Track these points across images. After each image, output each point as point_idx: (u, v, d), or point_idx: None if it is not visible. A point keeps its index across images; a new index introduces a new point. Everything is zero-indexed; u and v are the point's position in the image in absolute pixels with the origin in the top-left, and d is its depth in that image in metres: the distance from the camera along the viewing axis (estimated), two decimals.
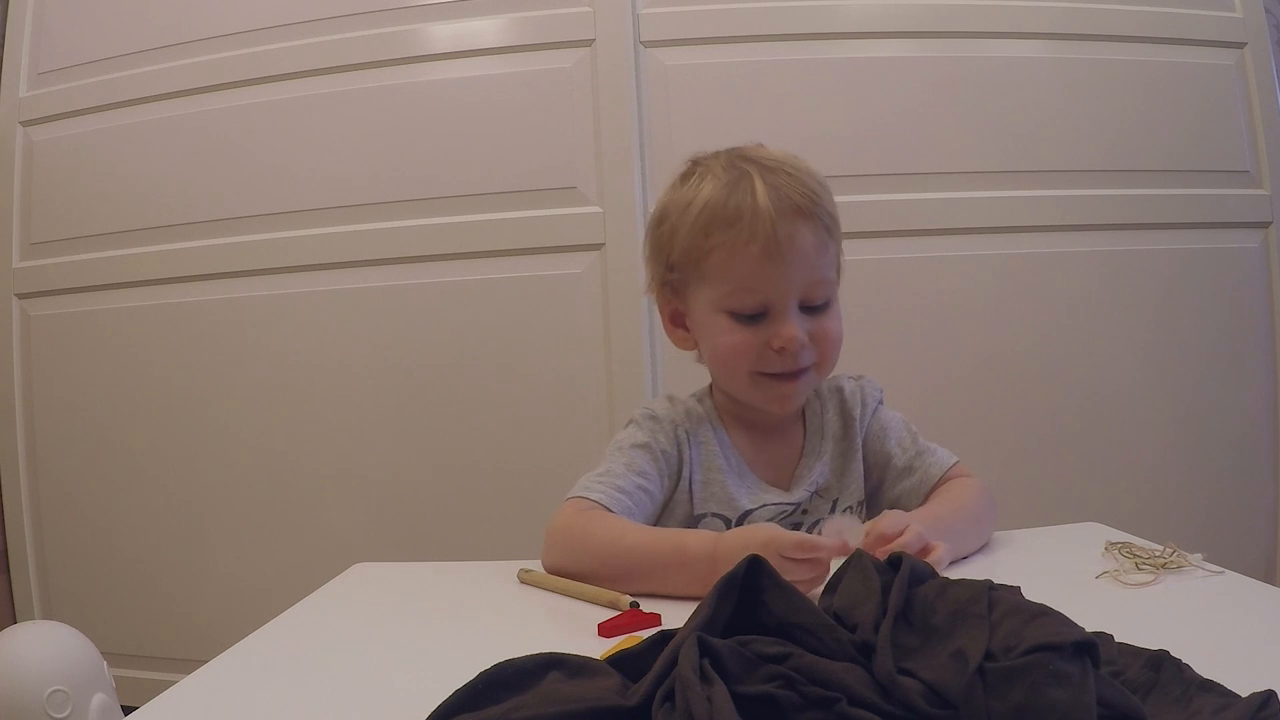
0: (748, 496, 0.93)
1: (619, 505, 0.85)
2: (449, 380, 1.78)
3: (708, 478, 0.93)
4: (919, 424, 1.02)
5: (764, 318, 0.88)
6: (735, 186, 0.88)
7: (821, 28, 1.77)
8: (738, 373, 0.91)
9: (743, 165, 0.90)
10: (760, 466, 0.96)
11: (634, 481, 0.88)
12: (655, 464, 0.91)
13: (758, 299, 0.87)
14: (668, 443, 0.93)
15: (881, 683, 0.43)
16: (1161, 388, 1.78)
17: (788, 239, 0.85)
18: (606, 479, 0.88)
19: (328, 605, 0.83)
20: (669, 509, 0.94)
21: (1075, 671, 0.39)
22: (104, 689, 0.88)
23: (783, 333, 0.87)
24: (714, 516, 0.92)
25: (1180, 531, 1.07)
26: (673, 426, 0.94)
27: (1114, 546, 0.81)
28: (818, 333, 0.89)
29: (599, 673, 0.48)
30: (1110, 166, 1.78)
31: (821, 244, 0.88)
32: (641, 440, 0.92)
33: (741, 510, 0.92)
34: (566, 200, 1.75)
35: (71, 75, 1.94)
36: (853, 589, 0.53)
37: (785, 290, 0.87)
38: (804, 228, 0.86)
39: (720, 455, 0.94)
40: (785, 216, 0.85)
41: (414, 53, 1.80)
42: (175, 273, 1.87)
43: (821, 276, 0.89)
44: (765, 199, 0.85)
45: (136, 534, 1.89)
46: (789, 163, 0.91)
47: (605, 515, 0.84)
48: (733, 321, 0.89)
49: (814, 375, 0.92)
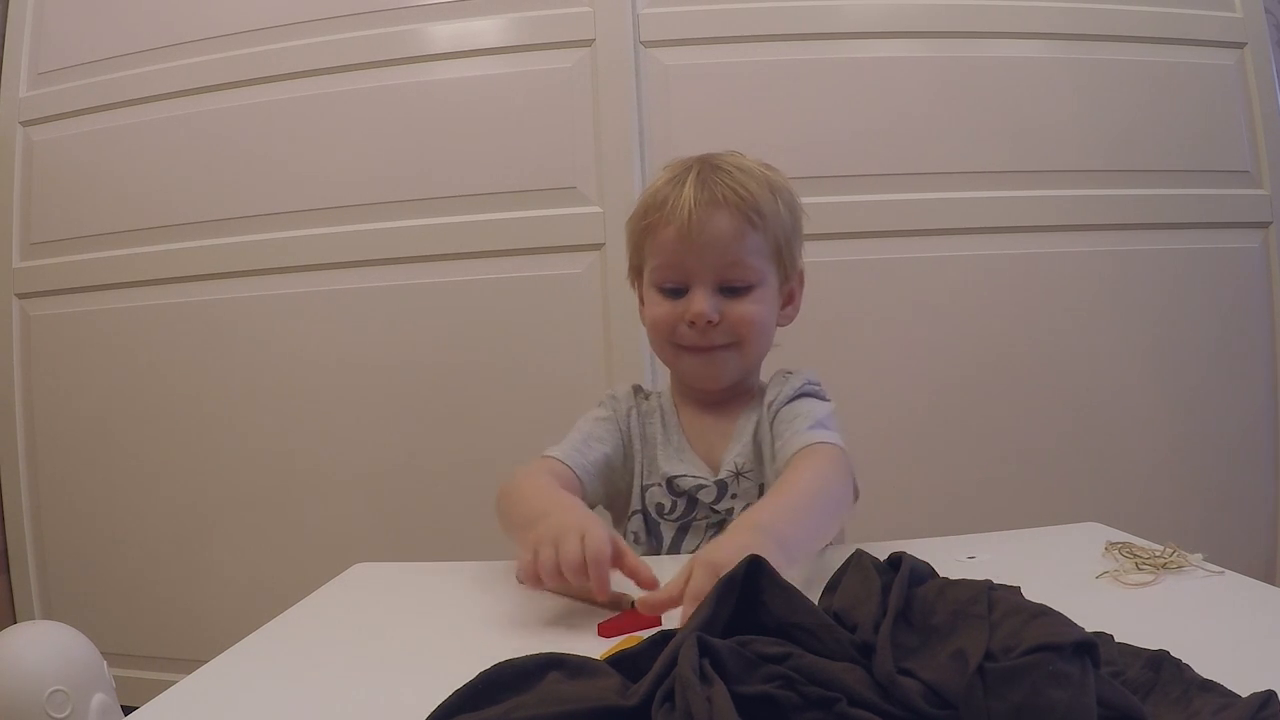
0: (669, 464, 1.01)
1: (571, 458, 0.97)
2: (449, 380, 1.78)
3: (646, 451, 1.03)
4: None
5: (685, 294, 0.97)
6: (673, 179, 0.99)
7: (821, 28, 1.77)
8: (662, 343, 1.02)
9: (695, 164, 1.00)
10: (699, 444, 1.03)
11: (587, 438, 1.01)
12: (611, 431, 1.04)
13: (676, 275, 0.98)
14: (621, 418, 1.05)
15: (881, 683, 0.43)
16: (1161, 387, 1.78)
17: (699, 224, 0.95)
18: (567, 442, 1.01)
19: (328, 605, 0.83)
20: (631, 488, 1.03)
21: (1075, 672, 0.39)
22: (104, 689, 0.87)
23: (693, 307, 0.96)
24: (656, 487, 1.01)
25: (1180, 531, 1.07)
26: (626, 405, 1.06)
27: (1114, 546, 0.81)
28: (733, 314, 0.97)
29: (599, 673, 0.48)
30: (1110, 166, 1.78)
31: (739, 232, 0.96)
32: (602, 415, 1.05)
33: (664, 475, 1.01)
34: (566, 200, 1.75)
35: (71, 75, 1.94)
36: (852, 589, 0.53)
37: (700, 269, 0.96)
38: (721, 216, 0.95)
39: (661, 430, 1.04)
40: (702, 205, 0.95)
41: (414, 53, 1.80)
42: (175, 273, 1.87)
43: (738, 260, 0.96)
44: (689, 190, 0.96)
45: (136, 534, 1.89)
46: (741, 166, 0.99)
47: (539, 475, 0.92)
48: (660, 295, 0.99)
49: (735, 354, 0.99)
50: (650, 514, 1.01)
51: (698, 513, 0.99)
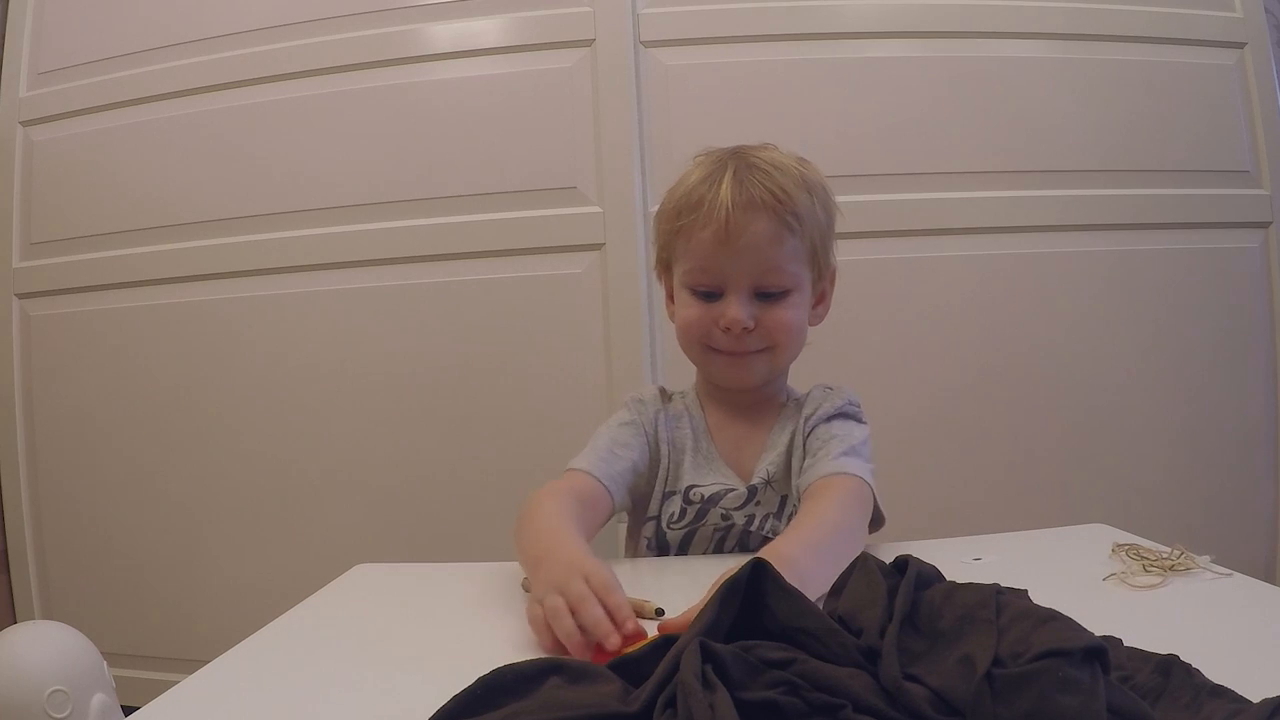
0: (698, 474, 1.00)
1: (598, 469, 0.94)
2: (449, 380, 1.78)
3: (674, 458, 1.01)
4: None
5: (719, 297, 0.95)
6: (709, 177, 0.95)
7: (822, 28, 1.77)
8: (691, 343, 0.99)
9: (729, 160, 0.97)
10: (729, 452, 1.02)
11: (612, 445, 0.98)
12: (637, 436, 1.01)
13: (711, 279, 0.95)
14: (648, 423, 1.02)
15: (887, 689, 0.43)
16: (1161, 387, 1.77)
17: (738, 228, 0.92)
18: (592, 451, 0.98)
19: (329, 606, 0.83)
20: (652, 494, 1.00)
21: (1085, 677, 0.39)
22: (104, 689, 0.87)
23: (728, 314, 0.94)
24: (678, 495, 0.99)
25: (1180, 531, 1.06)
26: (654, 409, 1.03)
27: (1121, 548, 0.81)
28: (768, 319, 0.95)
29: (600, 678, 0.47)
30: (1110, 167, 1.78)
31: (777, 237, 0.93)
32: (627, 419, 1.02)
33: (687, 484, 0.99)
34: (566, 200, 1.75)
35: (71, 75, 1.93)
36: (858, 593, 0.53)
37: (736, 274, 0.94)
38: (759, 220, 0.92)
39: (690, 437, 1.02)
40: (741, 208, 0.92)
41: (415, 53, 1.80)
42: (175, 273, 1.87)
43: (775, 266, 0.94)
44: (727, 190, 0.93)
45: (136, 534, 1.89)
46: (776, 163, 0.96)
47: (557, 502, 0.87)
48: (692, 297, 0.97)
49: (766, 357, 0.98)
50: (661, 522, 1.00)
51: (706, 520, 0.98)
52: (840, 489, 0.87)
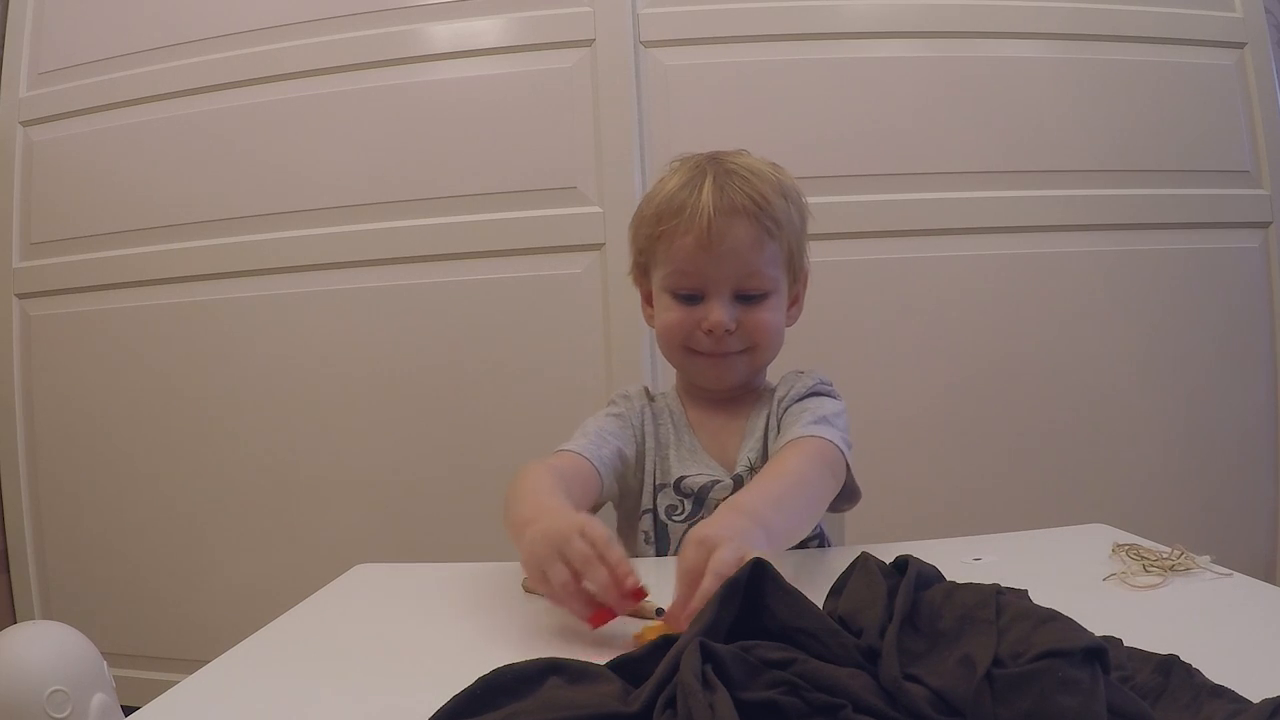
0: (684, 466, 1.01)
1: (589, 450, 0.96)
2: (449, 380, 1.78)
3: (659, 453, 1.03)
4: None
5: (700, 300, 0.97)
6: (689, 183, 0.97)
7: (821, 28, 1.77)
8: (673, 346, 1.01)
9: (707, 166, 0.99)
10: (711, 443, 1.04)
11: (601, 433, 1.00)
12: (624, 427, 1.03)
13: (693, 283, 0.97)
14: (634, 415, 1.05)
15: (887, 689, 0.43)
16: (1161, 387, 1.77)
17: (720, 233, 0.94)
18: (581, 436, 1.00)
19: (329, 606, 0.83)
20: (643, 487, 1.02)
21: (1085, 678, 0.39)
22: (104, 689, 0.87)
23: (711, 316, 0.96)
24: (669, 487, 1.01)
25: (1179, 531, 1.06)
26: (639, 404, 1.06)
27: (1121, 548, 0.81)
28: (749, 321, 0.97)
29: (600, 678, 0.47)
30: (1110, 167, 1.78)
31: (757, 241, 0.96)
32: (614, 412, 1.05)
33: (675, 476, 1.01)
34: (566, 200, 1.75)
35: (71, 75, 1.93)
36: (858, 593, 0.52)
37: (717, 278, 0.96)
38: (740, 225, 0.95)
39: (673, 432, 1.04)
40: (722, 213, 0.94)
41: (415, 53, 1.80)
42: (175, 273, 1.87)
43: (756, 270, 0.96)
44: (707, 196, 0.95)
45: (136, 534, 1.89)
46: (753, 169, 0.98)
47: (539, 473, 0.88)
48: (673, 300, 0.99)
49: (747, 359, 1.00)
50: (660, 516, 1.01)
51: (704, 512, 0.99)
52: (805, 446, 0.88)
